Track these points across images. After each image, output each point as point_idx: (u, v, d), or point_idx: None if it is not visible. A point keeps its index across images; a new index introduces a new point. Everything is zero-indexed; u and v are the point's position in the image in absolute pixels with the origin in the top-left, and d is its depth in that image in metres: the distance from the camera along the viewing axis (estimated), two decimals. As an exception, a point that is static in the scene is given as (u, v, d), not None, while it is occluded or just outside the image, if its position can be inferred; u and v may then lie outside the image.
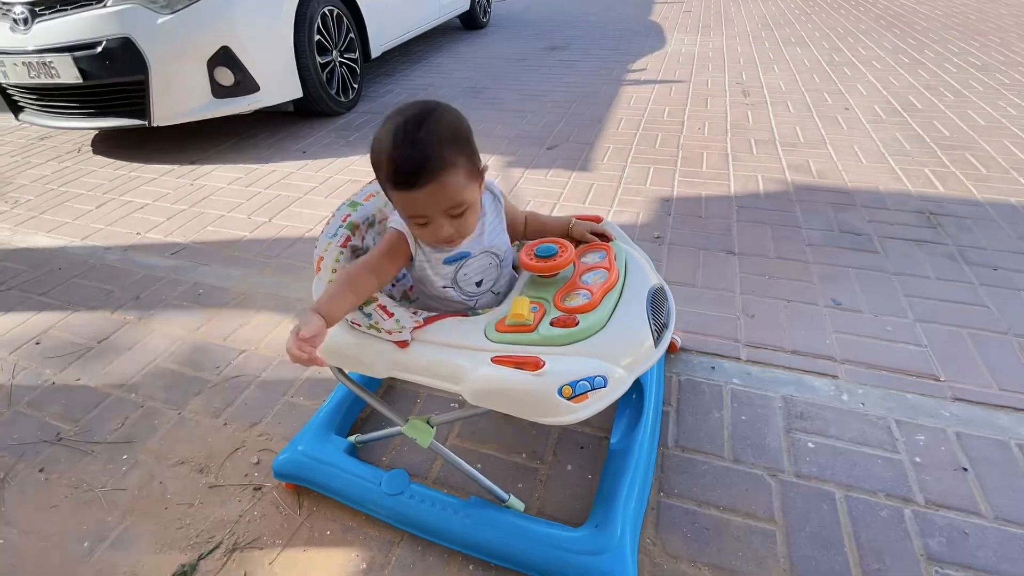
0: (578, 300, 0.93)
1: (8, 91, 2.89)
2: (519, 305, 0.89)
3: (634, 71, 4.07)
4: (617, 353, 0.88)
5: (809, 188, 2.29)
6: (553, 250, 0.98)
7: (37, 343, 1.64)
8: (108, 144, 3.17)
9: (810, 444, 1.22)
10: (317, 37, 3.11)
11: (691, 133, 2.89)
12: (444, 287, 1.01)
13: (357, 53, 3.53)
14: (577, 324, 0.88)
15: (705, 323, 1.57)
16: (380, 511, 1.06)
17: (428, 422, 1.02)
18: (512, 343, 0.88)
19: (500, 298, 1.07)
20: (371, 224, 1.09)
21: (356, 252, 1.04)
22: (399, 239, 0.95)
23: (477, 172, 0.89)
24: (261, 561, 1.04)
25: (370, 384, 1.38)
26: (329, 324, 0.84)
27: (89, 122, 2.78)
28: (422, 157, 0.80)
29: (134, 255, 2.08)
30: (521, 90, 3.75)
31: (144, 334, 1.65)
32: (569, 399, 0.82)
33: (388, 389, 1.42)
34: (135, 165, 2.87)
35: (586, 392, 0.83)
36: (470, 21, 5.65)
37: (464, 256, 0.98)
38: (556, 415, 0.83)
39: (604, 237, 1.13)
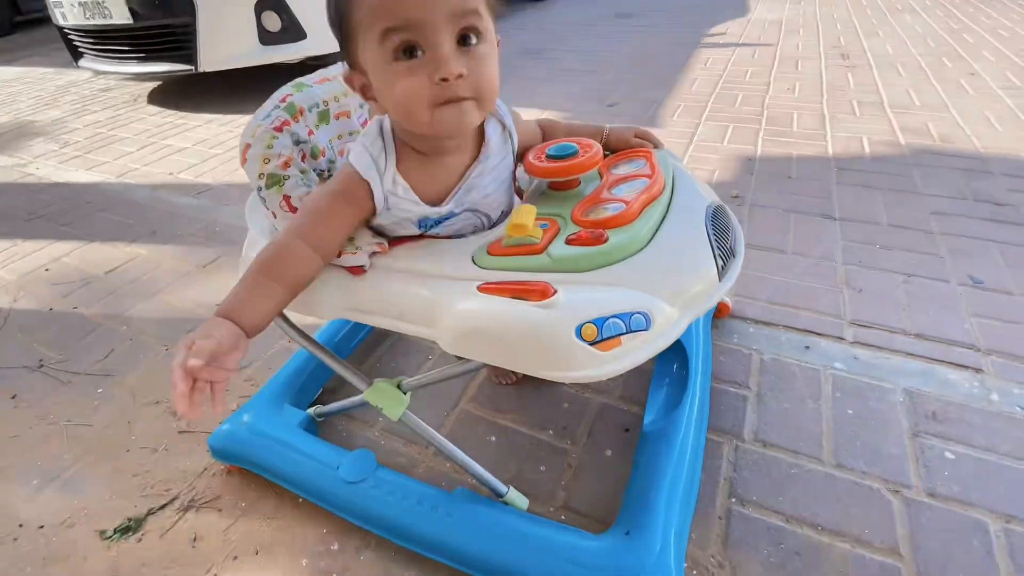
0: (607, 212, 0.65)
1: (68, 35, 2.92)
2: (522, 214, 0.61)
3: (711, 35, 3.66)
4: (664, 282, 0.59)
5: (930, 152, 1.87)
6: (572, 149, 0.70)
7: (46, 270, 1.55)
8: (161, 95, 3.16)
9: (948, 454, 0.88)
10: (371, -13, 2.95)
11: (778, 94, 2.50)
12: (410, 236, 0.71)
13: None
14: (606, 241, 0.60)
15: (797, 294, 1.24)
16: (336, 503, 0.80)
17: (399, 386, 0.76)
18: (510, 269, 0.61)
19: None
20: (323, 116, 0.78)
21: (299, 145, 0.75)
22: (356, 183, 0.63)
23: (493, 9, 0.59)
24: (216, 525, 0.84)
25: (348, 336, 1.13)
26: (249, 334, 0.58)
27: (140, 67, 2.75)
28: None
29: (161, 193, 1.98)
30: (583, 52, 3.45)
31: (151, 268, 1.52)
32: (592, 344, 0.54)
33: (397, 341, 1.20)
34: (182, 113, 2.83)
35: (618, 335, 0.55)
36: (536, -10, 5.37)
37: (446, 219, 0.68)
38: (573, 367, 0.55)
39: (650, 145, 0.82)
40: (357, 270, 0.67)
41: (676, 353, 0.99)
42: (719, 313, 1.18)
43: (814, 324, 1.16)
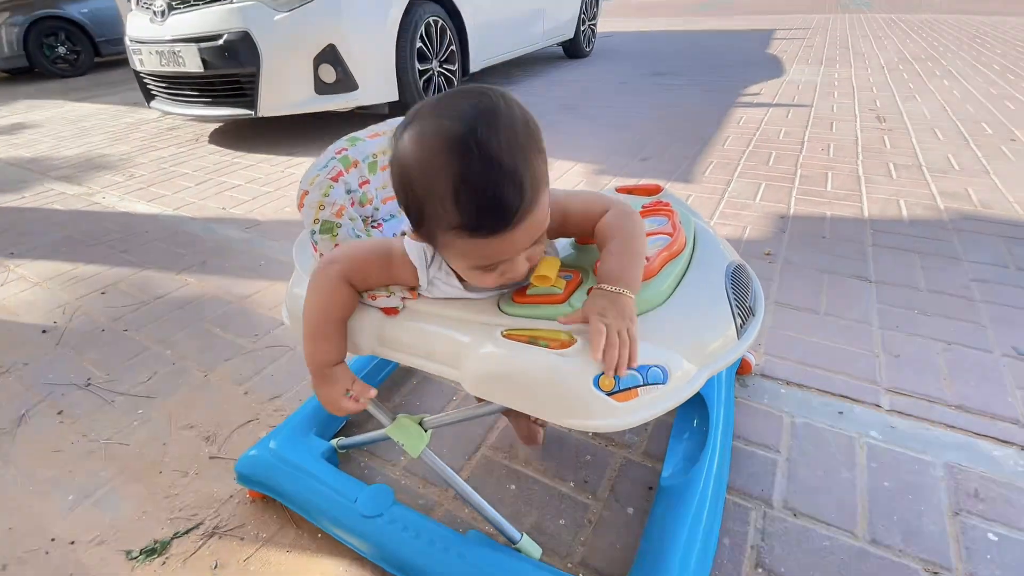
0: None
1: (144, 78, 3.20)
2: (546, 266, 0.63)
3: (745, 95, 3.75)
4: (683, 338, 0.61)
5: (970, 217, 1.84)
6: None
7: (102, 293, 1.65)
8: (221, 135, 3.40)
9: (991, 536, 0.83)
10: (419, 45, 3.16)
11: (812, 154, 2.52)
12: None
13: (456, 65, 3.56)
14: None
15: (830, 356, 1.22)
16: (351, 535, 0.81)
17: (421, 423, 0.79)
18: (533, 316, 0.63)
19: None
20: (371, 168, 0.84)
21: (350, 194, 0.80)
22: (405, 263, 0.67)
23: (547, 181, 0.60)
24: (237, 554, 0.85)
25: (374, 371, 1.16)
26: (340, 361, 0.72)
27: (205, 110, 2.98)
28: (518, 182, 0.51)
29: (214, 226, 2.10)
30: (619, 108, 3.57)
31: (198, 295, 1.60)
32: (609, 394, 0.56)
33: (421, 381, 1.22)
34: (239, 153, 3.03)
35: (635, 387, 0.57)
36: (573, 50, 5.62)
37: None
38: (589, 416, 0.56)
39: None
40: (391, 311, 0.71)
41: (697, 408, 0.98)
42: (742, 370, 1.17)
43: (848, 389, 1.13)
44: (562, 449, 1.02)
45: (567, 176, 2.41)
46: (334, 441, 0.98)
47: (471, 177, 0.51)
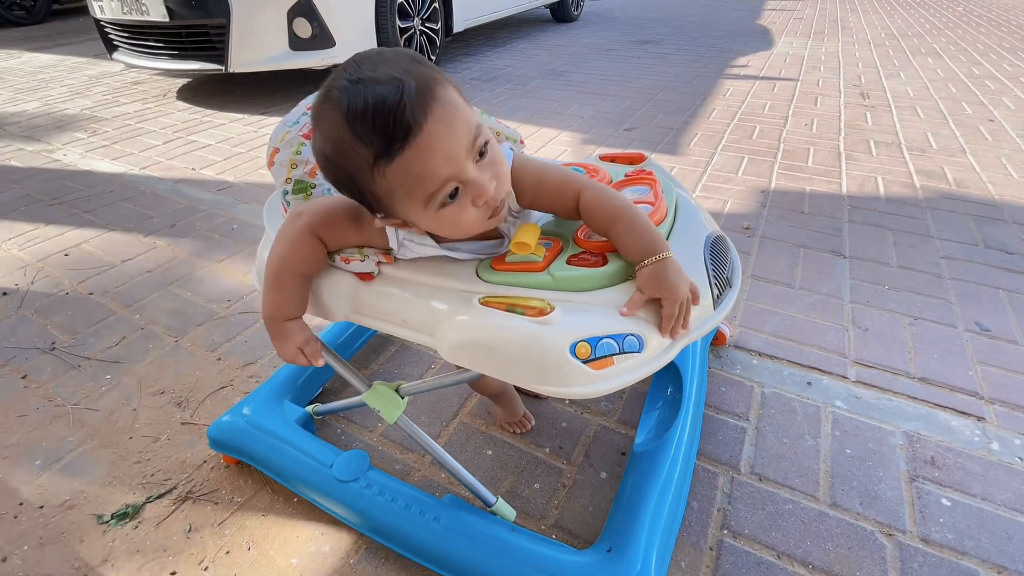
0: None
1: (105, 28, 3.01)
2: (525, 233, 0.62)
3: (734, 67, 3.71)
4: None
5: (944, 196, 1.87)
6: (579, 173, 0.72)
7: (66, 255, 1.58)
8: (191, 92, 3.24)
9: (945, 501, 0.88)
10: (400, 0, 3.02)
11: (796, 129, 2.52)
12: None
13: (439, 24, 3.43)
14: (605, 264, 0.63)
15: (802, 329, 1.24)
16: (328, 500, 0.81)
17: (397, 390, 0.78)
18: (512, 284, 0.63)
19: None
20: None
21: None
22: (376, 227, 0.63)
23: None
24: (211, 517, 0.85)
25: (351, 338, 1.15)
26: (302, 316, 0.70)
27: (172, 63, 2.83)
28: (396, 82, 0.49)
29: (183, 187, 2.02)
30: (604, 76, 3.50)
31: (168, 259, 1.55)
32: (585, 362, 0.57)
33: (400, 349, 1.21)
34: (209, 111, 2.89)
35: (611, 355, 0.57)
36: (561, 13, 5.46)
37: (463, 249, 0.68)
38: (565, 383, 0.57)
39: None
40: (366, 276, 0.69)
41: (671, 377, 1.00)
42: (716, 341, 1.19)
43: (817, 360, 1.16)
44: (539, 416, 1.03)
45: (552, 145, 2.37)
46: (310, 407, 0.97)
47: (354, 106, 0.49)
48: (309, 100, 0.79)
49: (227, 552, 0.81)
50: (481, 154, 0.55)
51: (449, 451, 0.97)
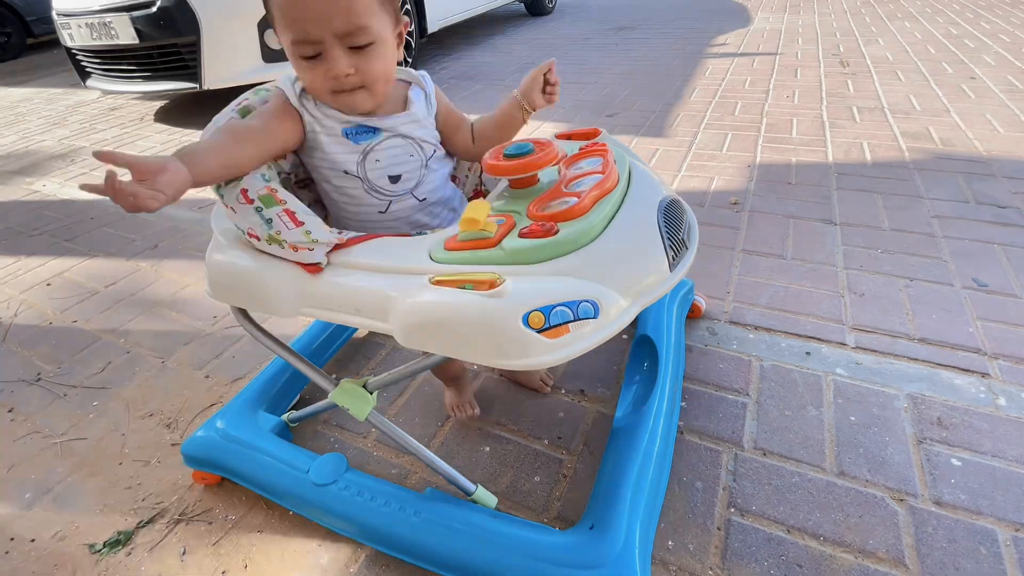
0: (560, 206, 0.65)
1: (76, 55, 2.98)
2: (474, 209, 0.61)
3: (712, 46, 3.68)
4: (614, 273, 0.60)
5: (932, 155, 1.86)
6: (528, 148, 0.70)
7: (48, 284, 1.56)
8: (168, 114, 3.21)
9: (955, 461, 0.86)
10: (372, 4, 2.99)
11: (778, 101, 2.50)
12: (346, 173, 0.74)
13: (413, 27, 3.40)
14: (556, 233, 0.61)
15: (797, 300, 1.22)
16: (307, 506, 0.80)
17: (365, 386, 0.77)
18: (465, 262, 0.62)
19: (442, 219, 0.83)
20: None
21: None
22: (281, 99, 0.74)
23: (390, 5, 0.69)
24: (205, 538, 0.83)
25: (324, 344, 1.13)
26: (195, 180, 0.63)
27: (146, 86, 2.80)
28: None
29: (164, 208, 1.99)
30: (583, 65, 3.48)
31: (152, 281, 1.53)
32: (540, 331, 0.55)
33: (391, 351, 1.19)
34: (188, 131, 2.87)
35: (566, 323, 0.56)
36: (535, 6, 5.43)
37: (370, 132, 0.74)
38: (521, 355, 0.55)
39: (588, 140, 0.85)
40: (314, 268, 0.68)
41: (647, 351, 0.99)
42: (692, 314, 1.17)
43: (815, 330, 1.14)
44: (535, 407, 1.01)
45: (535, 136, 2.34)
46: (285, 416, 0.96)
47: None
48: (239, 99, 0.79)
49: (223, 572, 0.78)
50: (357, 48, 0.66)
51: (446, 450, 0.95)
